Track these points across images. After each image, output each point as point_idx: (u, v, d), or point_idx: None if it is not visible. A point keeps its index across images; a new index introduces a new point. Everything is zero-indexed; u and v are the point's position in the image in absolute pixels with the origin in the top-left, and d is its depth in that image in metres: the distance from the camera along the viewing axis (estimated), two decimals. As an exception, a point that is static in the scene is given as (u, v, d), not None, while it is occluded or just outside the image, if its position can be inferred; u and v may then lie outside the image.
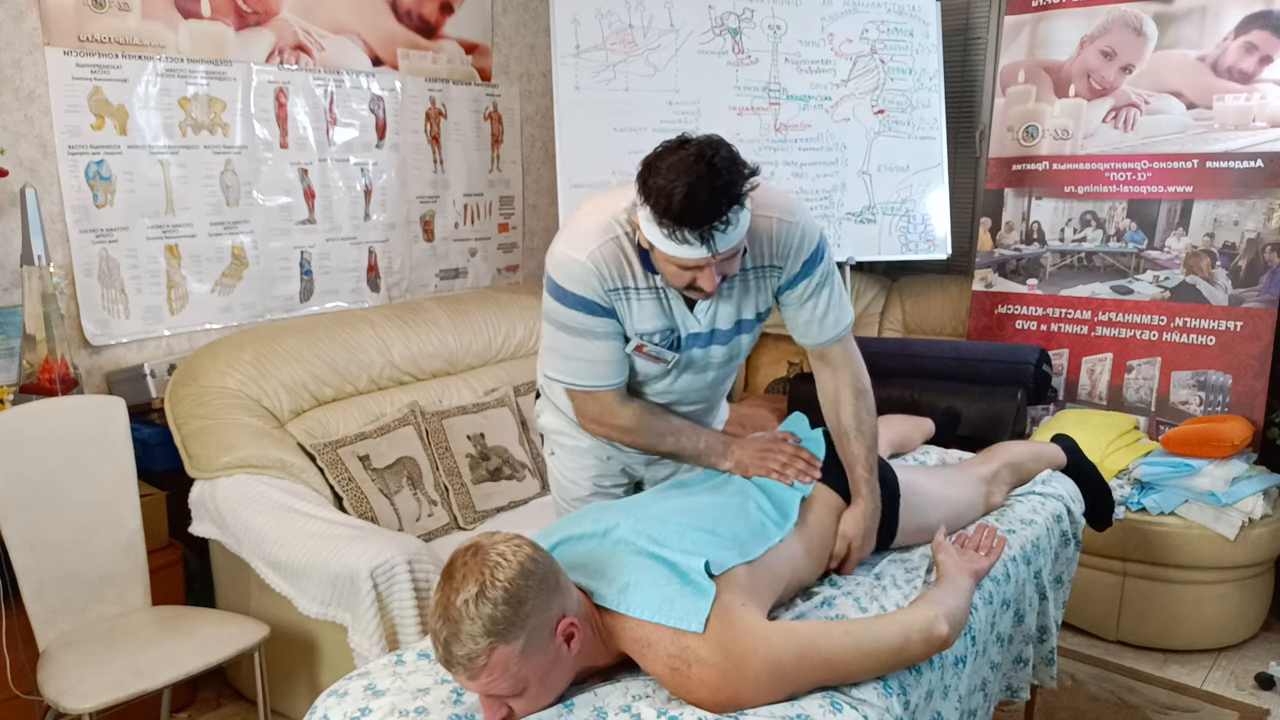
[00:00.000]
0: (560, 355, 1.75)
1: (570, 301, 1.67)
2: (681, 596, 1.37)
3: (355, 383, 2.94)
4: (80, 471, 2.27)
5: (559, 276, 1.67)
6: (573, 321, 1.69)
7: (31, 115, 2.65)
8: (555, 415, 1.97)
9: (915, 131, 3.70)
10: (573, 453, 1.97)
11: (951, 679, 1.60)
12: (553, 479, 2.06)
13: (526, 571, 1.27)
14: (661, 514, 1.56)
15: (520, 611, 1.25)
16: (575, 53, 3.39)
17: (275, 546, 2.29)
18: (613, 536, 1.51)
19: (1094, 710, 2.68)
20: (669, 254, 1.53)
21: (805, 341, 1.81)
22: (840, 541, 1.75)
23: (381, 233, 3.54)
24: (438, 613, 1.27)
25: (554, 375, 1.79)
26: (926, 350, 3.62)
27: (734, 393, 4.18)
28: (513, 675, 1.26)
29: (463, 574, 1.26)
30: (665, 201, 1.46)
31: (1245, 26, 3.24)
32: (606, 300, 1.67)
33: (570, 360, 1.74)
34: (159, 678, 2.05)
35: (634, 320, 1.70)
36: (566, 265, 1.66)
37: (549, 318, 1.74)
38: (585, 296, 1.66)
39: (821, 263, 1.74)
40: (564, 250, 1.67)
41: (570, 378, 1.76)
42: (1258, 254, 3.21)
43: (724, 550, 1.50)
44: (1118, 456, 3.11)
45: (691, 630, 1.33)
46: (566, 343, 1.72)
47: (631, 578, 1.41)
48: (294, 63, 3.21)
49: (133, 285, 2.90)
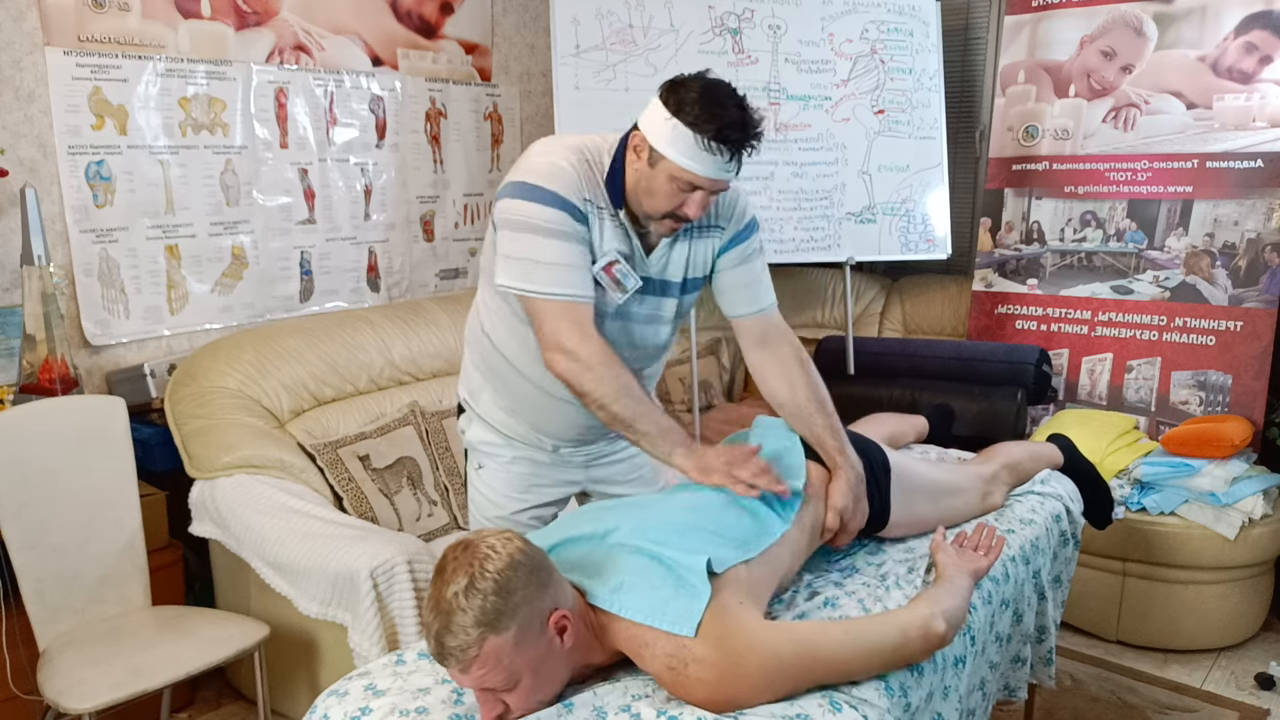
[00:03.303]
0: (537, 263, 1.61)
1: (552, 201, 1.61)
2: (675, 599, 1.37)
3: (355, 383, 2.95)
4: (80, 471, 2.27)
5: (539, 178, 1.62)
6: (555, 223, 1.61)
7: (31, 115, 2.65)
8: (483, 427, 1.90)
9: (915, 131, 3.70)
10: (502, 464, 1.90)
11: (952, 679, 1.60)
12: (473, 499, 1.97)
13: (516, 563, 1.28)
14: (663, 513, 1.56)
15: (510, 601, 1.26)
16: (575, 53, 3.39)
17: (275, 546, 2.29)
18: (611, 539, 1.50)
19: (1094, 710, 2.69)
20: (687, 166, 1.56)
21: (741, 310, 1.83)
22: (831, 514, 1.74)
23: (381, 233, 3.55)
24: (430, 606, 1.28)
25: (526, 286, 1.62)
26: (926, 350, 3.63)
27: (733, 392, 4.18)
28: (505, 667, 1.27)
29: (453, 568, 1.28)
30: (712, 111, 1.53)
31: (1245, 26, 3.24)
32: (584, 208, 1.64)
33: (551, 267, 1.61)
34: (159, 678, 2.05)
35: (602, 240, 1.68)
36: (547, 169, 1.62)
37: (519, 225, 1.62)
38: (568, 199, 1.61)
39: (756, 231, 1.83)
40: (542, 160, 1.64)
41: (548, 286, 1.61)
42: (1258, 254, 3.21)
43: (726, 548, 1.50)
44: (1118, 456, 3.11)
45: (683, 634, 1.33)
46: (544, 247, 1.61)
47: (626, 578, 1.41)
48: (294, 63, 3.21)
49: (133, 285, 2.90)
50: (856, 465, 1.79)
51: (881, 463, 1.88)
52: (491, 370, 1.85)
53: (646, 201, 1.64)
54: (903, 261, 3.96)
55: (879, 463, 1.87)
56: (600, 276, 1.69)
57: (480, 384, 1.90)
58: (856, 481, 1.77)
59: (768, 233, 3.56)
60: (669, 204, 1.62)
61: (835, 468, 1.78)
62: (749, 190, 1.90)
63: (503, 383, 1.84)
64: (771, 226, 3.56)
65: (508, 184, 1.66)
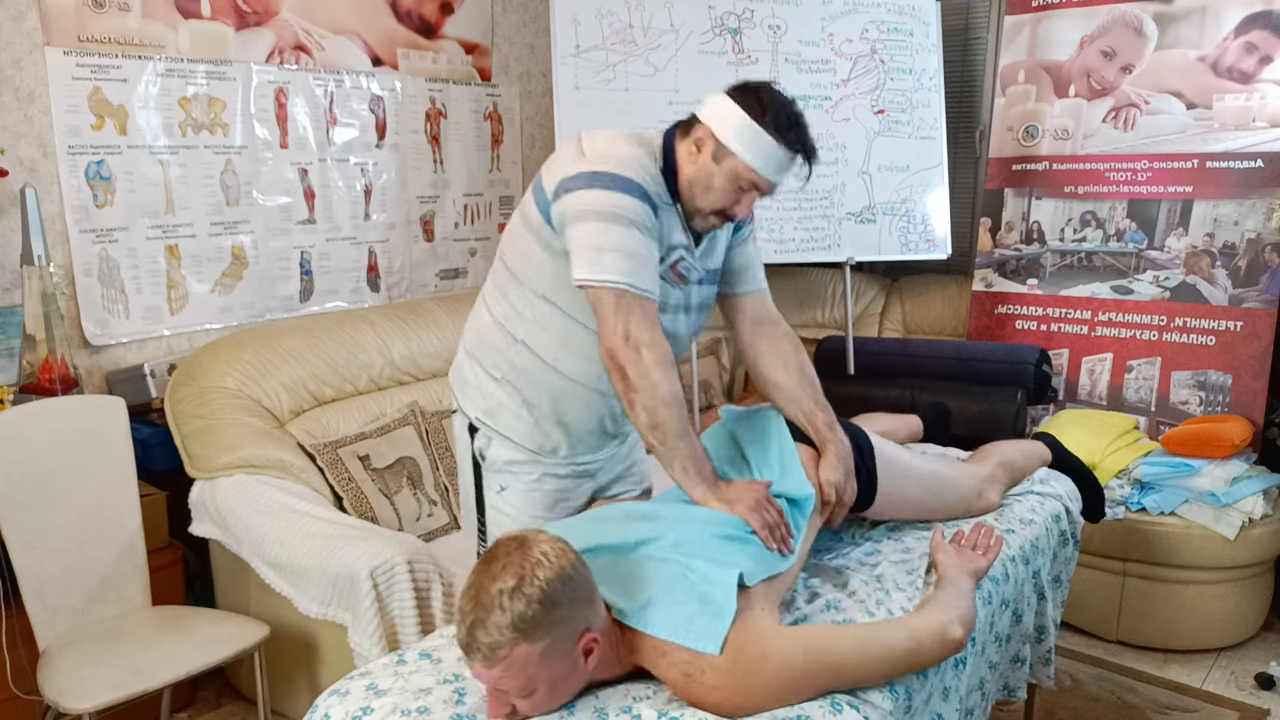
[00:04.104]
0: (620, 253, 1.55)
1: (632, 190, 1.56)
2: (700, 616, 1.36)
3: (355, 383, 2.94)
4: (80, 471, 2.27)
5: (616, 166, 1.57)
6: (636, 212, 1.56)
7: (31, 115, 2.65)
8: (506, 446, 1.81)
9: (915, 131, 3.70)
10: (529, 483, 1.82)
11: (952, 680, 1.61)
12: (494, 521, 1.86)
13: (566, 577, 1.27)
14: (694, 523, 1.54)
15: (552, 615, 1.25)
16: (575, 53, 3.39)
17: (275, 546, 2.29)
18: (641, 551, 1.48)
19: (1094, 710, 2.69)
20: (760, 168, 1.60)
21: (745, 287, 1.87)
22: (826, 487, 1.74)
23: (381, 233, 3.55)
24: (469, 595, 1.26)
25: (611, 277, 1.55)
26: (926, 350, 3.63)
27: (733, 392, 4.18)
28: (528, 675, 1.26)
29: (504, 563, 1.26)
30: (791, 121, 1.61)
31: (1245, 26, 3.24)
32: (656, 200, 1.61)
33: (633, 259, 1.55)
34: (159, 678, 2.05)
35: (670, 231, 1.67)
36: (624, 157, 1.59)
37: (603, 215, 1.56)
38: (645, 187, 1.58)
39: (752, 219, 1.89)
40: (615, 148, 1.60)
41: (630, 278, 1.55)
42: (1258, 254, 3.21)
43: (758, 561, 1.50)
44: (1118, 456, 3.11)
45: (708, 653, 1.33)
46: (629, 238, 1.55)
47: (653, 594, 1.40)
48: (294, 63, 3.21)
49: (133, 285, 2.90)
50: (844, 440, 1.81)
51: (865, 441, 1.88)
52: (526, 378, 1.77)
53: (702, 196, 1.65)
54: (903, 261, 3.97)
55: (863, 440, 1.88)
56: (666, 273, 1.68)
57: (500, 399, 1.80)
58: (846, 455, 1.78)
59: (768, 233, 3.57)
60: (724, 201, 1.65)
61: (825, 442, 1.78)
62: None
63: (537, 386, 1.76)
64: (772, 226, 3.56)
65: (580, 174, 1.58)
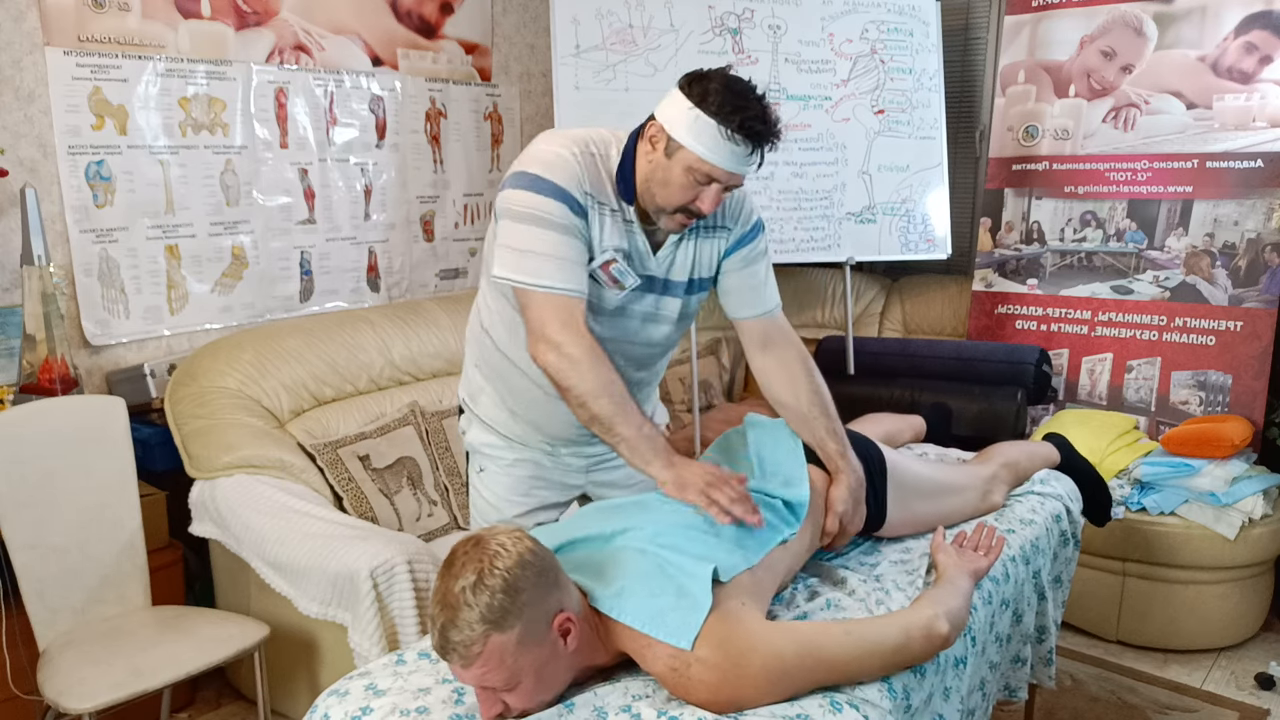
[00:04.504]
0: (531, 254, 1.59)
1: (551, 192, 1.59)
2: (675, 610, 1.36)
3: (355, 383, 2.94)
4: (80, 471, 2.27)
5: (540, 169, 1.61)
6: (552, 213, 1.59)
7: (31, 115, 2.65)
8: (482, 429, 1.90)
9: (915, 131, 3.70)
10: (504, 466, 1.89)
11: (953, 680, 1.60)
12: (474, 503, 1.96)
13: (525, 562, 1.28)
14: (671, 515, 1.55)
15: (517, 600, 1.25)
16: (575, 53, 3.39)
17: (275, 546, 2.29)
18: (617, 541, 1.50)
19: (1094, 710, 2.68)
20: (707, 156, 1.56)
21: (745, 312, 1.83)
22: (831, 518, 1.75)
23: (381, 233, 3.55)
24: (436, 600, 1.28)
25: (519, 277, 1.60)
26: (927, 350, 3.63)
27: (733, 392, 4.18)
28: (508, 666, 1.27)
29: (463, 562, 1.27)
30: (736, 103, 1.55)
31: (1245, 26, 3.24)
32: (584, 201, 1.63)
33: (543, 258, 1.59)
34: (159, 678, 2.05)
35: (602, 236, 1.66)
36: (549, 159, 1.61)
37: (518, 215, 1.60)
38: (568, 190, 1.60)
39: (762, 233, 1.84)
40: (546, 148, 1.63)
41: (537, 278, 1.59)
42: (1258, 254, 3.21)
43: (733, 554, 1.50)
44: (1118, 456, 3.11)
45: (680, 647, 1.33)
46: (541, 239, 1.59)
47: (627, 582, 1.41)
48: (294, 63, 3.21)
49: (133, 285, 2.90)
50: (858, 469, 1.79)
51: (879, 462, 1.88)
52: (492, 369, 1.85)
53: (660, 193, 1.63)
54: (903, 261, 3.97)
55: (876, 462, 1.87)
56: (597, 274, 1.68)
57: (481, 385, 1.89)
58: (857, 486, 1.78)
59: (767, 233, 3.56)
60: (683, 197, 1.61)
61: (836, 471, 1.78)
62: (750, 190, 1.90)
63: (504, 381, 1.83)
64: (772, 226, 3.56)
65: (510, 174, 1.65)
